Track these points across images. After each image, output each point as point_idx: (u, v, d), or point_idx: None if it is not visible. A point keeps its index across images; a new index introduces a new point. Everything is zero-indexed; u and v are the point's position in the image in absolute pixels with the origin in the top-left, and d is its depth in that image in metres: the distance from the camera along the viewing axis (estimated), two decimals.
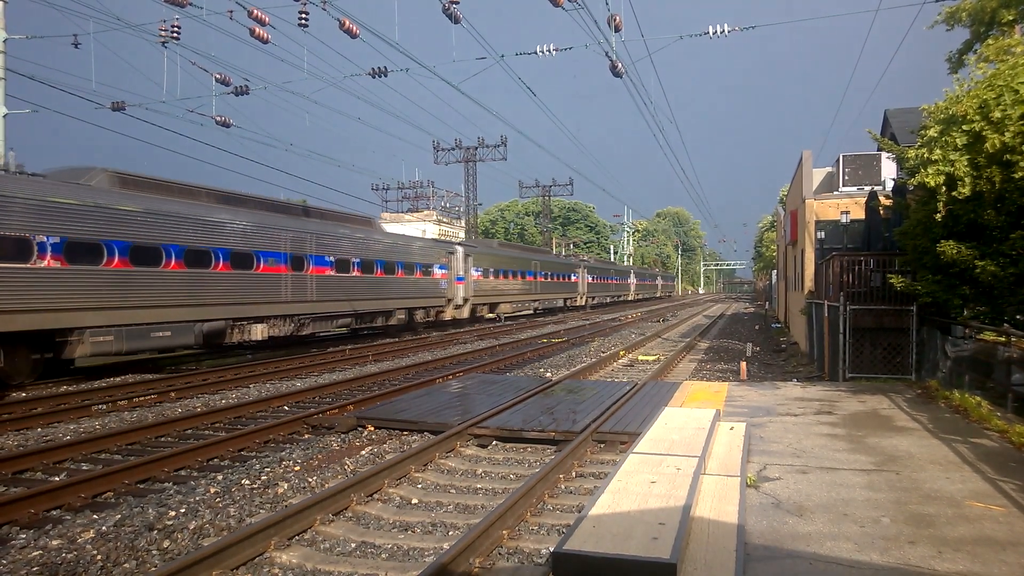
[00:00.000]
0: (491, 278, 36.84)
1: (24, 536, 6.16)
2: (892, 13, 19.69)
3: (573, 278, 53.80)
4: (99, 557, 5.55)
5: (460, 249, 32.96)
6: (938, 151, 10.53)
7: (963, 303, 12.19)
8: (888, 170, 20.96)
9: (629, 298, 76.56)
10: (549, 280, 47.58)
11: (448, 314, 31.98)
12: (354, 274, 24.09)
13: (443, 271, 30.97)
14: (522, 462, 8.66)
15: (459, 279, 32.53)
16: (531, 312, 46.61)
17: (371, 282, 25.23)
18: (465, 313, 33.68)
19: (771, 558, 4.86)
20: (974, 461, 7.35)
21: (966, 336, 13.05)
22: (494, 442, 9.47)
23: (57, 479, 7.98)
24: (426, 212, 61.21)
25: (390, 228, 36.12)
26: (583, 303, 56.54)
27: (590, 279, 58.43)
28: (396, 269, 26.91)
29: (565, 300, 52.42)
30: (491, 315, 38.63)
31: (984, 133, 9.76)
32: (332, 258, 22.81)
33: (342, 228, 24.20)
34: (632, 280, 78.11)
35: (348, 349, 22.36)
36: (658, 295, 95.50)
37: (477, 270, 34.64)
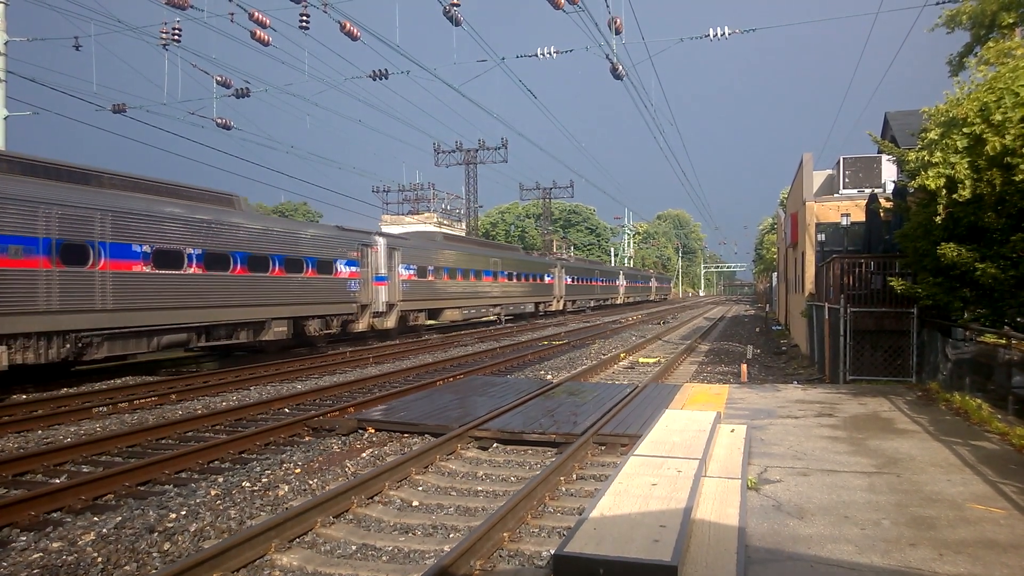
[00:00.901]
0: (430, 278, 29.78)
1: (25, 538, 6.16)
2: (893, 16, 19.74)
3: (548, 279, 46.63)
4: (100, 559, 5.55)
5: (381, 241, 26.07)
6: (938, 154, 10.54)
7: (964, 305, 12.18)
8: (888, 173, 20.97)
9: (618, 301, 70.05)
10: (516, 281, 40.58)
11: (362, 324, 24.97)
12: (191, 271, 17.37)
13: (353, 268, 24.00)
14: (523, 464, 8.65)
15: (379, 279, 25.67)
16: (494, 319, 40.06)
17: (225, 282, 18.39)
18: (391, 323, 26.82)
19: (772, 560, 4.86)
20: (975, 463, 7.35)
21: (967, 339, 13.04)
22: (495, 444, 9.47)
23: (58, 481, 7.97)
24: (427, 214, 61.19)
25: (390, 231, 34.36)
26: (560, 307, 49.67)
27: (568, 280, 51.46)
28: (272, 265, 20.07)
29: (538, 305, 45.53)
30: (431, 321, 31.69)
31: (984, 136, 9.77)
32: (146, 247, 16.17)
33: (172, 206, 17.32)
34: (621, 282, 71.25)
35: (349, 351, 22.36)
36: (652, 298, 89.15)
37: (408, 268, 27.78)
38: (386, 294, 26.21)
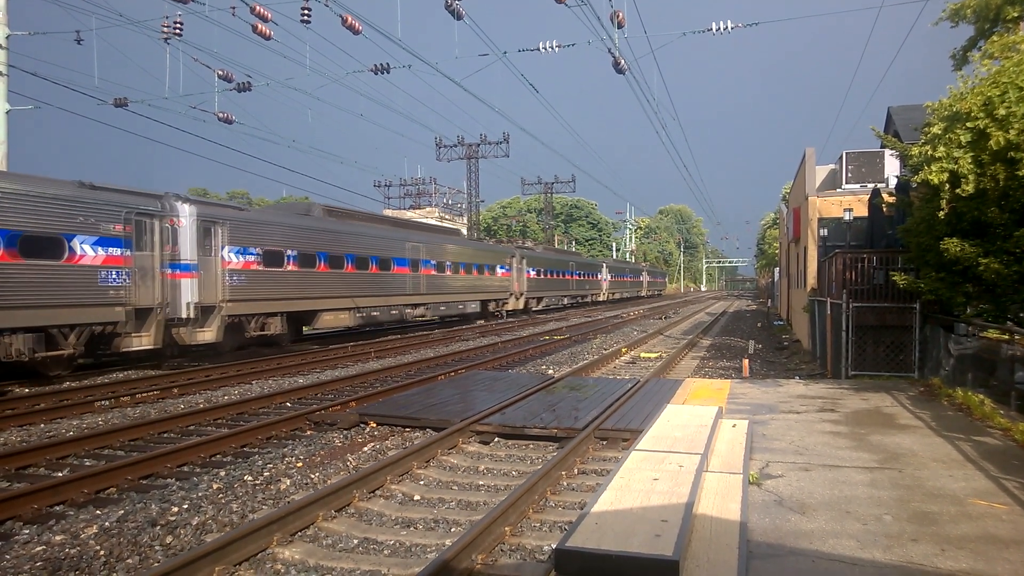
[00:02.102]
0: (289, 267, 20.75)
1: (27, 531, 6.18)
2: (896, 9, 19.65)
3: (501, 272, 38.25)
4: (102, 553, 5.56)
5: (186, 211, 17.54)
6: (942, 148, 10.50)
7: (966, 301, 12.16)
8: (891, 167, 20.91)
9: (601, 298, 62.49)
10: (450, 273, 31.37)
11: (144, 339, 16.49)
12: None
13: (114, 251, 15.72)
14: (524, 459, 8.66)
15: (182, 268, 17.36)
16: (418, 322, 32.01)
17: None
18: (209, 335, 18.05)
19: (774, 555, 4.86)
20: (977, 459, 7.34)
21: (969, 334, 13.03)
22: (496, 439, 9.47)
23: (60, 475, 8.00)
24: (428, 209, 61.20)
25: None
26: (521, 306, 41.38)
27: (532, 273, 42.78)
28: None
29: (487, 303, 36.88)
30: (261, 332, 20.01)
31: (988, 130, 9.73)
32: None
33: None
34: (604, 276, 63.22)
35: (351, 346, 22.38)
36: (643, 294, 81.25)
37: (244, 253, 18.98)
38: (195, 291, 17.49)
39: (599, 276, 61.43)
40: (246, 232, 19.20)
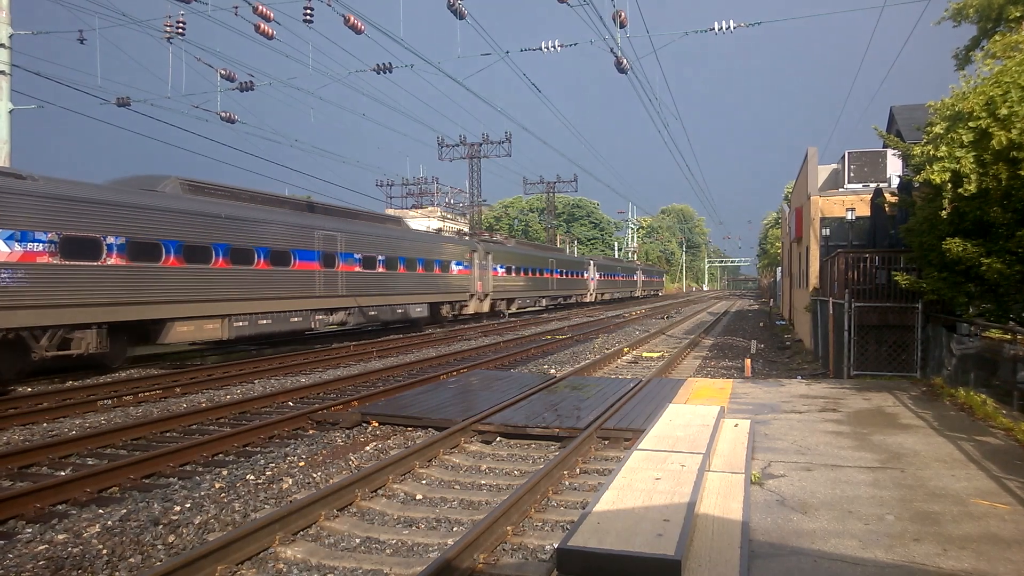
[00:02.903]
0: (112, 259, 15.45)
1: (30, 530, 6.19)
2: (898, 9, 19.63)
3: (458, 268, 32.17)
4: (105, 551, 5.57)
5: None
6: (944, 148, 10.49)
7: (969, 300, 12.15)
8: (894, 167, 20.88)
9: (587, 299, 56.78)
10: (376, 270, 25.37)
11: None
12: None
13: None
14: (526, 458, 8.66)
15: None
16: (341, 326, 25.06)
17: None
18: None
19: (776, 555, 4.86)
20: (979, 459, 7.33)
21: (972, 334, 13.01)
22: (498, 438, 9.47)
23: (63, 474, 8.01)
24: (430, 208, 61.24)
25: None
26: (485, 309, 35.59)
27: (500, 271, 37.03)
28: None
29: (438, 305, 30.73)
30: (61, 352, 14.77)
31: (990, 130, 9.72)
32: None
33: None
34: (592, 275, 56.66)
35: (352, 345, 22.39)
36: (636, 294, 74.68)
37: (27, 239, 13.82)
38: None
39: (586, 275, 55.21)
40: (23, 210, 13.68)
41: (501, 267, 37.64)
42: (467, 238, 37.39)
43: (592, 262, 58.47)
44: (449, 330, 29.18)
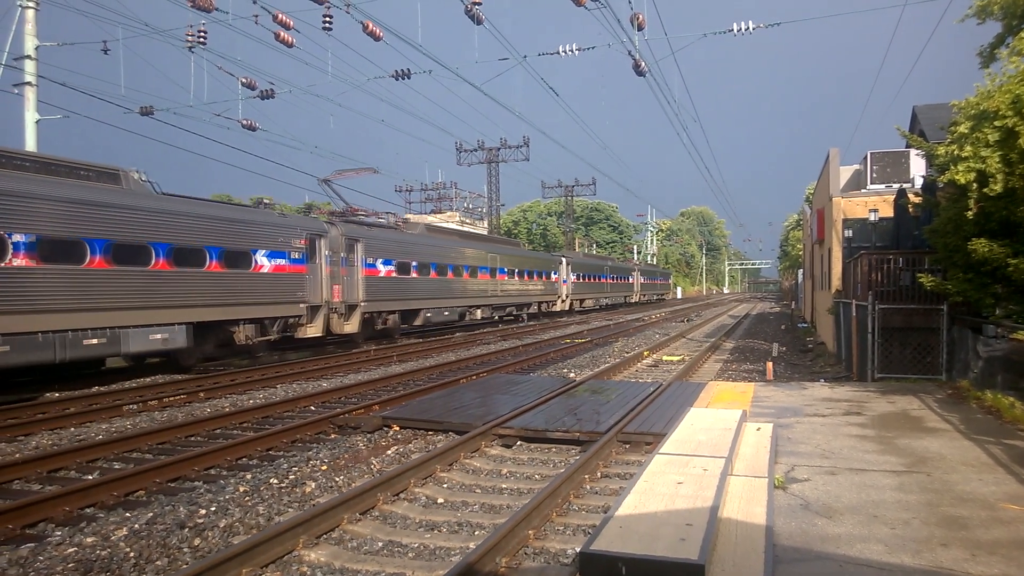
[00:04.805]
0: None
1: (59, 533, 6.29)
2: (920, 7, 19.39)
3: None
4: (132, 554, 5.65)
5: None
6: (969, 147, 10.34)
7: (995, 302, 11.96)
8: (917, 167, 20.62)
9: (557, 308, 44.84)
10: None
11: None
12: None
13: None
14: (547, 462, 8.66)
15: None
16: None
17: None
18: None
19: (800, 560, 4.82)
20: (1008, 463, 7.22)
21: (999, 336, 12.79)
22: (519, 442, 9.48)
23: (90, 478, 8.13)
24: (449, 213, 61.46)
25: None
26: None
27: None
28: None
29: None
30: None
31: (1017, 129, 9.56)
32: None
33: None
34: (565, 275, 45.67)
35: (373, 350, 22.51)
36: (634, 299, 65.36)
37: None
38: None
39: (555, 276, 44.62)
40: None
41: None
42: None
43: (565, 260, 46.55)
44: (468, 334, 29.28)
